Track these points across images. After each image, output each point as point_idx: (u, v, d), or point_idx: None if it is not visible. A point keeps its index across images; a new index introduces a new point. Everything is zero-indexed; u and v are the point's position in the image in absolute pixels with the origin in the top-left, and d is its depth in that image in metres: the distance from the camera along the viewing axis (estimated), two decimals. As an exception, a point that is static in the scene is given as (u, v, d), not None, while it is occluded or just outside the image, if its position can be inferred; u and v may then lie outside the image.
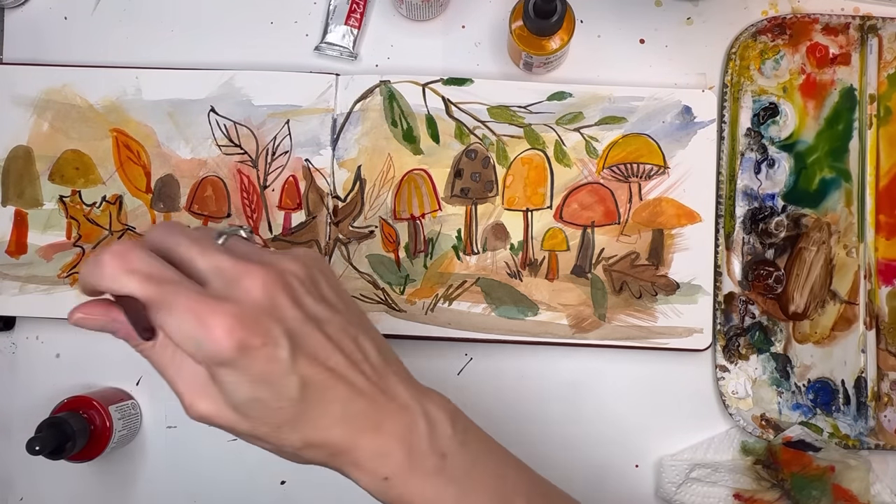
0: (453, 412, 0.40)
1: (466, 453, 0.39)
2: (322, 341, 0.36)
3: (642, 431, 0.62)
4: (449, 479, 0.38)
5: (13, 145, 0.62)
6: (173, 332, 0.34)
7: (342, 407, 0.37)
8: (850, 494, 0.59)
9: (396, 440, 0.38)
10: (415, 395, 0.39)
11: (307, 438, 0.37)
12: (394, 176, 0.62)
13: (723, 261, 0.61)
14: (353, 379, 0.37)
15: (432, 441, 0.38)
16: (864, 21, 0.63)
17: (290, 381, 0.35)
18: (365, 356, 0.38)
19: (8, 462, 0.62)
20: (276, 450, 0.38)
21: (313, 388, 0.36)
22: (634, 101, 0.62)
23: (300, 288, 0.37)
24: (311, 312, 0.37)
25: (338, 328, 0.38)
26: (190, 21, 0.64)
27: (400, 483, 0.38)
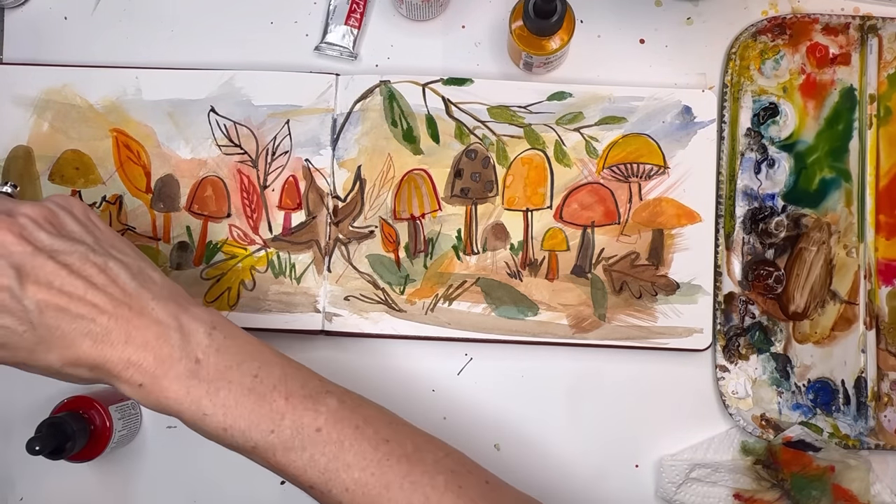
0: (213, 323, 0.45)
1: (222, 357, 0.44)
2: (55, 269, 0.42)
3: (642, 431, 0.62)
4: (201, 379, 0.43)
5: (13, 145, 0.62)
6: None
7: (86, 325, 0.42)
8: (850, 494, 0.59)
9: (146, 350, 0.43)
10: (171, 310, 0.44)
11: (62, 357, 0.42)
12: (394, 176, 0.62)
13: (723, 261, 0.61)
14: (93, 300, 0.42)
15: (184, 348, 0.43)
16: (864, 21, 0.63)
17: (24, 307, 0.41)
18: (112, 280, 0.43)
19: (8, 462, 0.62)
20: (45, 371, 0.43)
21: (51, 311, 0.41)
22: (634, 101, 0.62)
23: (31, 226, 0.43)
24: (45, 245, 0.43)
25: (78, 257, 0.43)
26: (190, 21, 0.64)
27: (155, 387, 0.43)
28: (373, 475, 0.44)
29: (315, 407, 0.44)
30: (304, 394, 0.45)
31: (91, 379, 0.43)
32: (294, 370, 0.46)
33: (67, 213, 0.45)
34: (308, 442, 0.44)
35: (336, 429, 0.44)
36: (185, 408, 0.43)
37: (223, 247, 0.61)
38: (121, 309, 0.43)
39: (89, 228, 0.46)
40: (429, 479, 0.44)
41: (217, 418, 0.43)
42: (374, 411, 0.47)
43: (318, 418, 0.44)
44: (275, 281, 0.61)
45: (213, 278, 0.61)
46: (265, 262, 0.61)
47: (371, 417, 0.46)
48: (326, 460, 0.44)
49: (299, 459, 0.44)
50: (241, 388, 0.44)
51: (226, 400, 0.43)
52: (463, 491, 0.44)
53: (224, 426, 0.43)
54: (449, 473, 0.45)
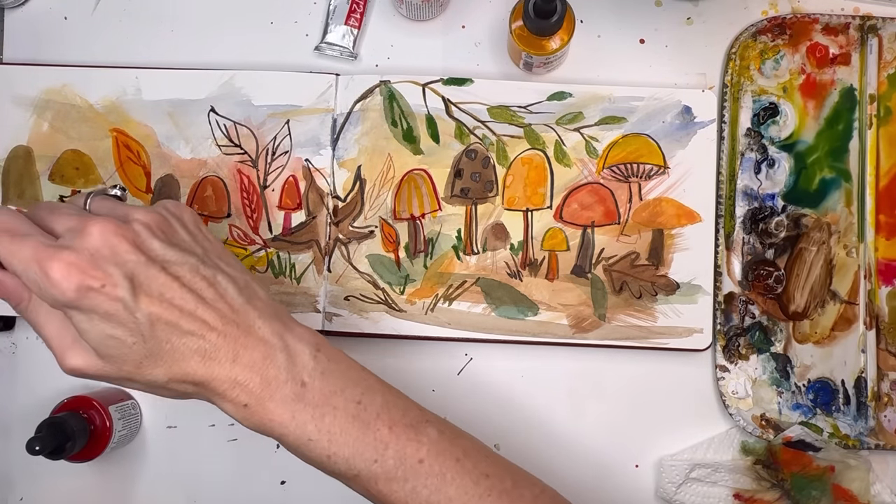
0: (317, 345, 0.44)
1: (327, 382, 0.43)
2: (168, 281, 0.40)
3: (642, 431, 0.62)
4: (307, 404, 0.42)
5: (13, 145, 0.62)
6: (22, 277, 0.39)
7: (195, 342, 0.41)
8: (850, 494, 0.59)
9: (253, 370, 0.41)
10: (277, 329, 0.43)
11: (169, 373, 0.41)
12: (394, 176, 0.62)
13: (723, 261, 0.61)
14: (204, 315, 0.41)
15: (291, 371, 0.42)
16: (864, 21, 0.63)
17: (136, 319, 0.39)
18: (220, 295, 0.42)
19: (8, 462, 0.62)
20: (147, 387, 0.42)
21: (162, 325, 0.40)
22: (634, 101, 0.62)
23: (146, 233, 0.41)
24: (157, 255, 0.41)
25: (189, 269, 0.41)
26: (190, 21, 0.64)
27: (259, 409, 0.42)
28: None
29: (417, 437, 0.44)
30: (406, 423, 0.44)
31: (192, 395, 0.42)
32: (394, 397, 0.45)
33: (178, 221, 0.44)
34: (410, 473, 0.43)
35: (438, 461, 0.44)
36: (289, 431, 0.42)
37: (223, 247, 0.61)
38: (229, 326, 0.41)
39: (198, 239, 0.44)
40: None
41: (322, 444, 0.42)
42: (471, 443, 0.46)
43: (420, 449, 0.43)
44: (275, 281, 0.61)
45: (213, 278, 0.61)
46: (265, 262, 0.61)
47: (470, 450, 0.45)
48: (428, 493, 0.43)
49: (401, 490, 0.43)
50: (345, 414, 0.43)
51: (331, 426, 0.42)
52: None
53: (328, 453, 0.42)
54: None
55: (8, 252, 0.39)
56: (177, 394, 0.42)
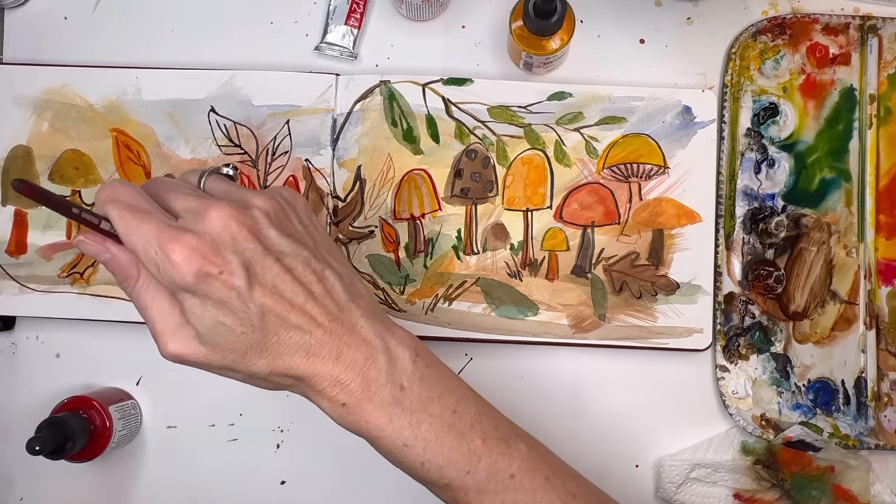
0: (416, 349, 0.43)
1: (424, 387, 0.42)
2: (281, 273, 0.40)
3: (642, 431, 0.62)
4: (405, 409, 0.42)
5: (13, 145, 0.62)
6: (141, 255, 0.38)
7: (301, 337, 0.40)
8: (850, 494, 0.59)
9: (354, 370, 0.41)
10: (378, 330, 0.42)
11: (272, 365, 0.40)
12: (394, 176, 0.62)
13: (723, 261, 0.61)
14: (312, 311, 0.40)
15: (391, 374, 0.42)
16: (864, 21, 0.63)
17: (248, 309, 0.39)
18: (328, 291, 0.41)
19: (8, 462, 0.62)
20: (247, 377, 0.41)
21: (272, 317, 0.39)
22: (634, 101, 0.62)
23: (264, 221, 0.40)
24: (273, 245, 0.40)
25: (301, 262, 0.41)
26: (190, 21, 0.64)
27: (357, 409, 0.41)
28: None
29: (509, 451, 0.43)
30: (499, 436, 0.44)
31: (289, 387, 0.42)
32: (486, 409, 0.45)
33: (293, 210, 0.43)
34: (501, 487, 0.43)
35: (528, 477, 0.43)
36: (385, 434, 0.42)
37: (223, 247, 0.61)
38: (334, 324, 0.41)
39: (310, 230, 0.44)
40: None
41: (417, 451, 0.42)
42: (558, 461, 0.46)
43: (511, 464, 0.43)
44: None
45: (213, 278, 0.61)
46: (265, 262, 0.61)
47: (557, 468, 0.45)
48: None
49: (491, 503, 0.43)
50: (441, 422, 0.42)
51: (427, 433, 0.42)
52: None
53: (422, 460, 0.42)
54: None
55: (129, 228, 0.38)
56: (275, 385, 0.42)
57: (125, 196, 0.39)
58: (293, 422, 0.62)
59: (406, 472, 0.43)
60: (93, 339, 0.62)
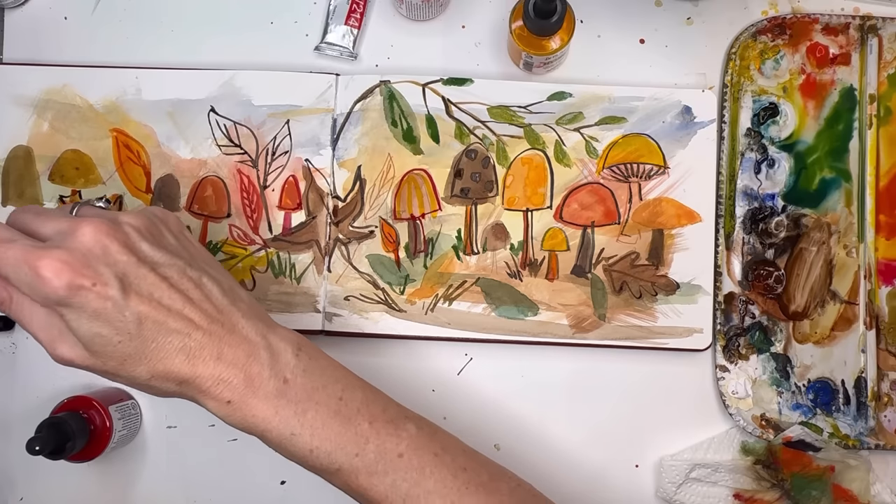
0: (299, 344, 0.45)
1: (308, 379, 0.44)
2: (156, 282, 0.42)
3: (642, 431, 0.62)
4: (290, 400, 0.43)
5: (13, 145, 0.62)
6: (13, 280, 0.40)
7: (180, 340, 0.42)
8: (850, 494, 0.59)
9: (237, 368, 0.43)
10: (259, 329, 0.44)
11: (152, 370, 0.42)
12: (394, 176, 0.62)
13: (723, 261, 0.61)
14: (190, 315, 0.42)
15: (274, 368, 0.43)
16: (864, 21, 0.63)
17: (125, 318, 0.41)
18: (206, 296, 0.43)
19: (8, 462, 0.62)
20: (130, 383, 0.43)
21: (150, 324, 0.41)
22: (634, 101, 0.62)
23: (135, 236, 0.43)
24: (147, 256, 0.42)
25: (177, 271, 0.43)
26: (190, 21, 0.64)
27: (243, 405, 0.43)
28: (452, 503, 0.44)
29: (397, 432, 0.45)
30: (386, 418, 0.45)
31: (175, 393, 0.43)
32: (374, 394, 0.47)
33: (164, 226, 0.46)
34: (390, 467, 0.44)
35: (417, 455, 0.45)
36: (272, 426, 0.43)
37: (223, 247, 0.61)
38: (214, 325, 0.43)
39: (184, 243, 0.46)
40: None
41: (304, 439, 0.43)
42: (448, 438, 0.47)
43: (400, 444, 0.45)
44: (275, 281, 0.61)
45: (213, 278, 0.61)
46: (265, 262, 0.61)
47: (448, 445, 0.46)
48: (408, 486, 0.44)
49: (381, 484, 0.44)
50: (327, 410, 0.44)
51: (313, 421, 0.43)
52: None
53: (311, 447, 0.44)
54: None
55: None
56: (159, 392, 0.43)
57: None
58: (293, 422, 0.62)
59: (298, 461, 0.45)
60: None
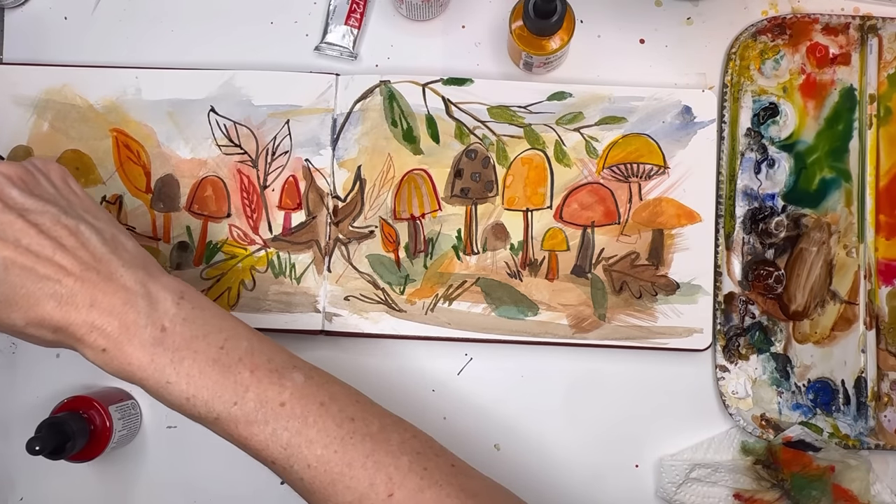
0: (182, 293, 0.45)
1: (188, 327, 0.44)
2: (25, 228, 0.42)
3: (642, 431, 0.62)
4: (166, 348, 0.43)
5: (13, 145, 0.62)
6: None
7: (51, 287, 0.42)
8: (850, 494, 0.59)
9: (111, 315, 0.42)
10: (140, 277, 0.44)
11: (26, 317, 0.42)
12: (394, 176, 0.62)
13: (723, 261, 0.61)
14: (61, 261, 0.42)
15: (151, 316, 0.43)
16: (864, 21, 0.63)
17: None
18: (82, 243, 0.43)
19: (8, 462, 0.62)
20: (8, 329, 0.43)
21: (17, 269, 0.41)
22: (634, 101, 0.62)
23: (5, 182, 0.43)
24: (15, 203, 0.43)
25: (49, 218, 0.43)
26: (190, 21, 0.64)
27: (118, 353, 0.42)
28: (335, 452, 0.43)
29: (280, 381, 0.44)
30: (271, 368, 0.45)
31: (53, 341, 0.43)
32: (261, 343, 0.46)
33: (43, 176, 0.46)
34: (271, 416, 0.43)
35: (300, 404, 0.44)
36: (147, 374, 0.43)
37: (223, 247, 0.61)
38: (88, 273, 0.42)
39: (63, 192, 0.46)
40: (392, 459, 0.44)
41: (180, 387, 0.43)
42: (341, 389, 0.46)
43: (282, 393, 0.44)
44: (275, 281, 0.61)
45: (213, 278, 0.61)
46: (265, 262, 0.61)
47: (337, 395, 0.46)
48: (289, 435, 0.43)
49: (261, 433, 0.43)
50: (206, 358, 0.43)
51: (190, 369, 0.43)
52: (427, 473, 0.44)
53: (187, 395, 0.43)
54: (414, 455, 0.45)
55: None
56: (37, 339, 0.43)
57: None
58: (293, 422, 0.62)
59: (176, 410, 0.44)
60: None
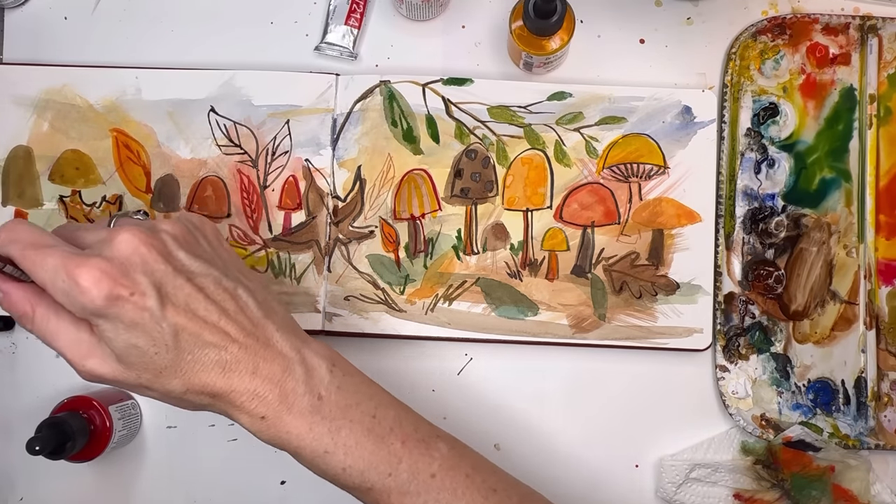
0: (333, 359, 0.44)
1: (342, 395, 0.43)
2: (193, 293, 0.41)
3: (642, 431, 0.62)
4: (324, 417, 0.42)
5: (13, 145, 0.62)
6: (49, 287, 0.38)
7: (216, 353, 0.41)
8: (850, 494, 0.59)
9: (271, 383, 0.42)
10: (294, 343, 0.43)
11: (187, 383, 0.41)
12: (394, 176, 0.62)
13: (723, 261, 0.61)
14: (226, 328, 0.41)
15: (308, 384, 0.43)
16: (864, 21, 0.63)
17: (162, 329, 0.39)
18: (241, 308, 0.42)
19: (8, 462, 0.62)
20: (163, 396, 0.42)
21: (186, 336, 0.40)
22: (634, 101, 0.62)
23: (172, 244, 0.41)
24: (183, 266, 0.41)
25: (212, 281, 0.42)
26: (190, 21, 0.64)
27: (277, 421, 0.42)
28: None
29: (429, 452, 0.44)
30: (418, 437, 0.45)
31: (207, 406, 0.42)
32: (405, 412, 0.46)
33: (200, 234, 0.44)
34: (423, 488, 0.43)
35: (449, 476, 0.44)
36: (305, 444, 0.42)
37: (223, 247, 0.61)
38: (250, 339, 0.42)
39: (219, 252, 0.45)
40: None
41: (338, 457, 0.43)
42: (479, 459, 0.47)
43: (432, 464, 0.44)
44: (275, 281, 0.61)
45: (213, 278, 0.61)
46: (265, 262, 0.61)
47: (479, 465, 0.46)
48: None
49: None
50: (361, 427, 0.43)
51: (347, 439, 0.43)
52: None
53: (344, 466, 0.43)
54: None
55: (33, 262, 0.39)
56: (192, 405, 0.42)
57: (25, 235, 0.39)
58: (293, 422, 0.62)
59: (329, 479, 0.44)
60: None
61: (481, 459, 0.47)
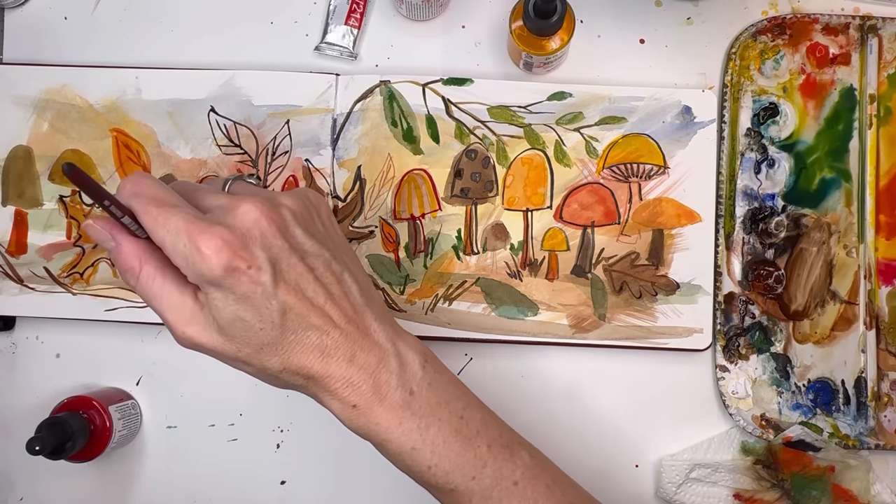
0: (425, 355, 0.44)
1: (433, 393, 0.43)
2: (304, 272, 0.40)
3: (642, 431, 0.62)
4: (413, 413, 0.42)
5: (13, 145, 0.62)
6: (169, 248, 0.38)
7: (318, 337, 0.40)
8: (850, 494, 0.59)
9: (367, 373, 0.41)
10: (390, 335, 0.43)
11: (285, 362, 0.40)
12: (394, 176, 0.62)
13: (723, 261, 0.61)
14: (330, 312, 0.41)
15: (401, 378, 0.42)
16: (864, 21, 0.63)
17: (271, 305, 0.39)
18: (346, 293, 0.42)
19: (8, 462, 0.62)
20: (258, 372, 0.41)
21: (293, 316, 0.39)
22: (634, 101, 0.62)
23: (291, 220, 0.40)
24: (298, 244, 0.40)
25: (322, 262, 0.41)
26: (190, 21, 0.64)
27: (368, 412, 0.41)
28: None
29: (512, 458, 0.44)
30: (503, 443, 0.44)
31: (299, 387, 0.42)
32: (490, 416, 0.45)
33: (316, 213, 0.43)
34: (504, 494, 0.43)
35: (531, 485, 0.44)
36: (394, 437, 0.42)
37: (223, 247, 0.61)
38: (350, 326, 0.41)
39: (330, 233, 0.44)
40: None
41: (425, 455, 0.42)
42: (558, 470, 0.46)
43: (515, 471, 0.44)
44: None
45: (213, 278, 0.61)
46: (265, 262, 0.61)
47: (558, 477, 0.46)
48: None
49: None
50: (449, 427, 0.43)
51: (435, 438, 0.42)
52: None
53: (430, 464, 0.42)
54: None
55: (155, 220, 0.38)
56: (285, 384, 0.42)
57: (149, 190, 0.39)
58: (293, 422, 0.62)
59: (412, 476, 0.43)
60: (93, 339, 0.62)
61: (560, 472, 0.46)
